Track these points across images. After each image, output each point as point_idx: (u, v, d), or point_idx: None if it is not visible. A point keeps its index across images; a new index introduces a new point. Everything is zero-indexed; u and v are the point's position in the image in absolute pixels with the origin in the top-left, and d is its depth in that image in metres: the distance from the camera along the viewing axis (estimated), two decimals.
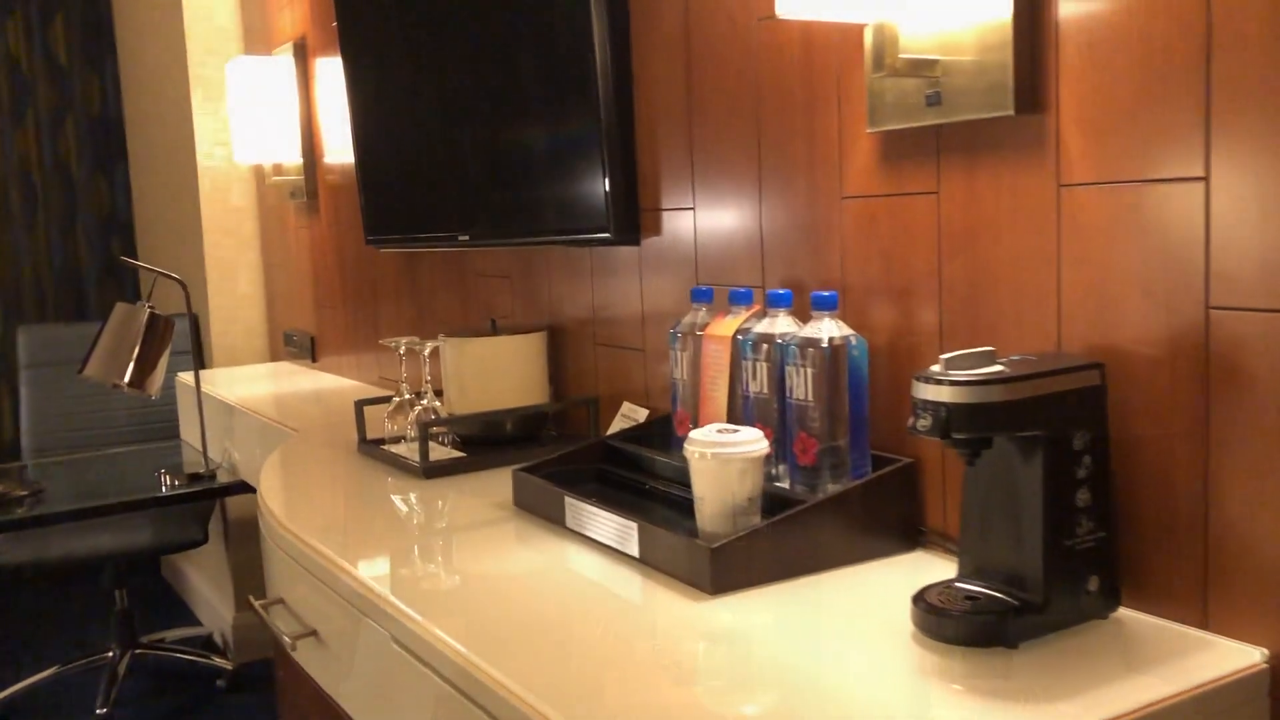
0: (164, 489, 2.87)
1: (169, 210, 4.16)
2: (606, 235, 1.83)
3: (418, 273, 2.69)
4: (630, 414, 1.90)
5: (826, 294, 1.36)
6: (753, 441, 1.29)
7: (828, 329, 1.35)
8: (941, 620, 1.08)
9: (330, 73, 3.06)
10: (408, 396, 2.07)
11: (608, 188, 1.81)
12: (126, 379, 2.77)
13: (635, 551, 1.36)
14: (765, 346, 1.44)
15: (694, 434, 1.32)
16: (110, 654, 3.37)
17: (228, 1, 3.75)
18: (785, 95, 1.51)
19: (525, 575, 1.34)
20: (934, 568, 1.29)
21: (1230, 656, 1.02)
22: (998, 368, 1.06)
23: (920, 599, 1.12)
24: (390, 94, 2.51)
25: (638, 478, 1.64)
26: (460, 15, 2.16)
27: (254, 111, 3.27)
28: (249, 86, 3.26)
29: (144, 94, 4.30)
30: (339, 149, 3.06)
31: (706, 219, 1.69)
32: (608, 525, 1.41)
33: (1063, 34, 1.15)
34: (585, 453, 1.71)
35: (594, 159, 1.82)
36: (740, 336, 1.48)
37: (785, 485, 1.41)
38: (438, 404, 2.00)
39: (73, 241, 4.56)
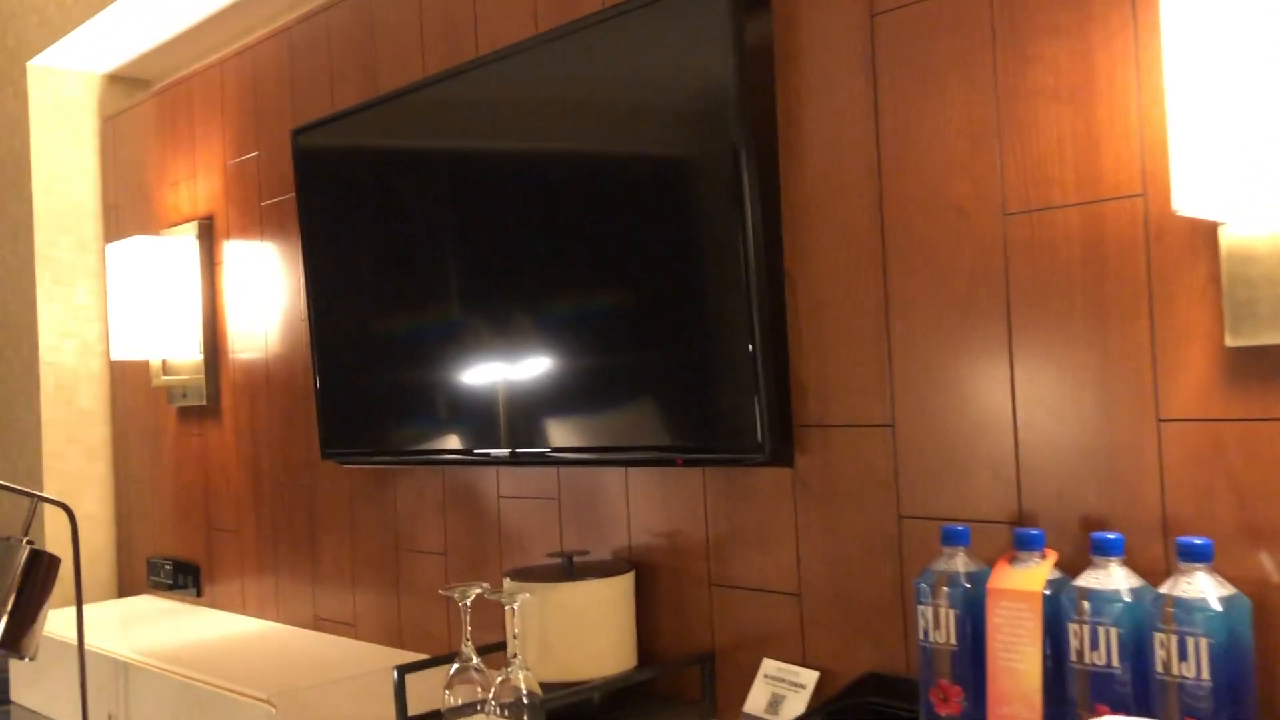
0: None
1: None
2: (759, 456, 1.52)
3: (394, 493, 2.26)
4: (784, 675, 1.55)
5: (1199, 542, 1.11)
6: None
7: (1207, 586, 1.10)
8: None
9: (245, 257, 2.63)
10: (475, 660, 1.64)
11: (761, 399, 1.51)
12: None
13: None
14: (1086, 604, 1.16)
15: None
16: None
17: (87, 173, 3.24)
18: (1056, 298, 1.29)
19: None
20: None
21: None
22: None
23: None
24: (378, 279, 2.14)
25: None
26: (504, 182, 1.85)
27: (139, 300, 2.76)
28: (136, 271, 2.76)
29: None
30: (253, 345, 2.60)
31: (916, 439, 1.42)
32: None
33: None
34: None
35: (738, 364, 1.52)
36: (1049, 591, 1.20)
37: None
38: (527, 672, 1.58)
39: None
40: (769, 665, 1.58)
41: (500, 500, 2.02)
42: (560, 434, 1.77)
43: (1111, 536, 1.17)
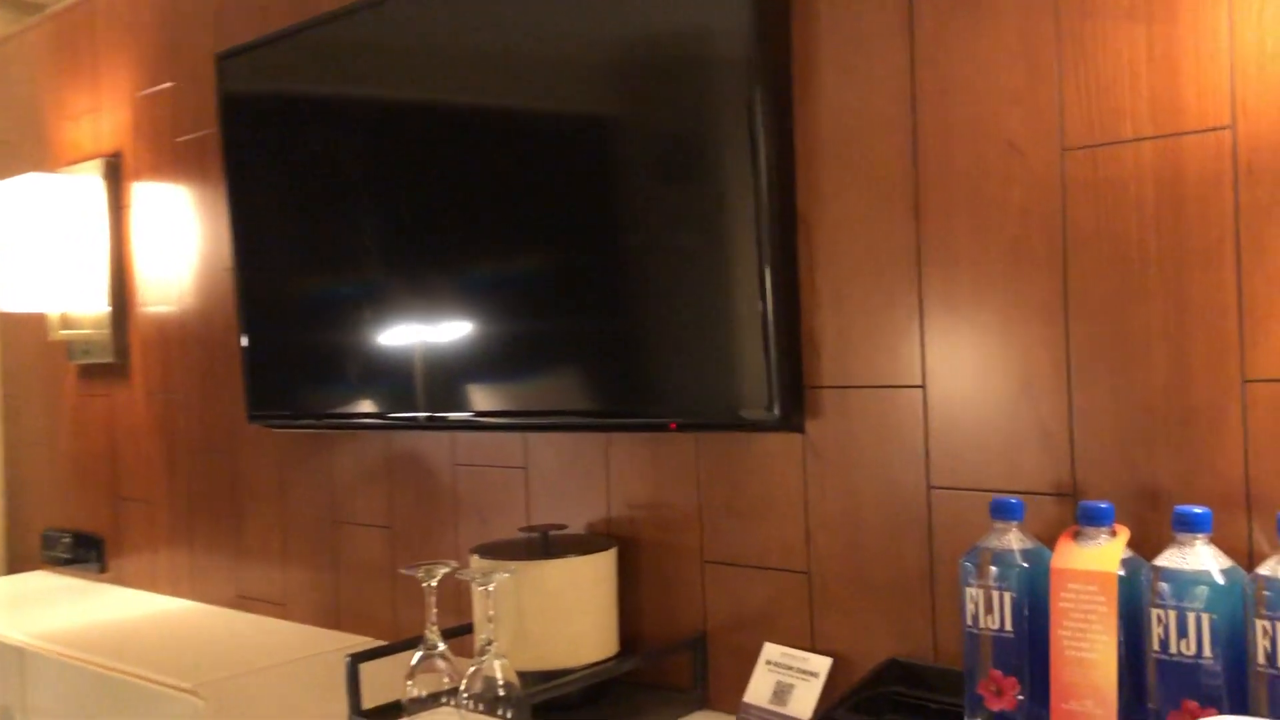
0: None
1: None
2: (769, 420, 1.36)
3: (330, 460, 2.04)
4: (791, 661, 1.40)
5: None
6: None
7: None
8: None
9: (157, 199, 2.37)
10: (441, 647, 1.45)
11: (772, 358, 1.35)
12: None
13: None
14: (1167, 586, 1.03)
15: None
16: None
17: None
18: (1122, 243, 1.15)
19: None
20: None
21: None
22: None
23: None
24: (312, 229, 1.92)
25: None
26: (476, 128, 1.65)
27: (34, 245, 2.48)
28: (29, 213, 2.48)
29: None
30: (167, 297, 2.35)
31: (951, 401, 1.28)
32: None
33: None
34: None
35: (744, 319, 1.36)
36: (1123, 572, 1.06)
37: None
38: (503, 660, 1.40)
39: None
40: (771, 650, 1.43)
41: (456, 469, 1.83)
42: (531, 398, 1.59)
43: (1199, 511, 1.03)
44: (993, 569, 1.14)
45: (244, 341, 2.03)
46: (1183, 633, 1.02)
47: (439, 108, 1.70)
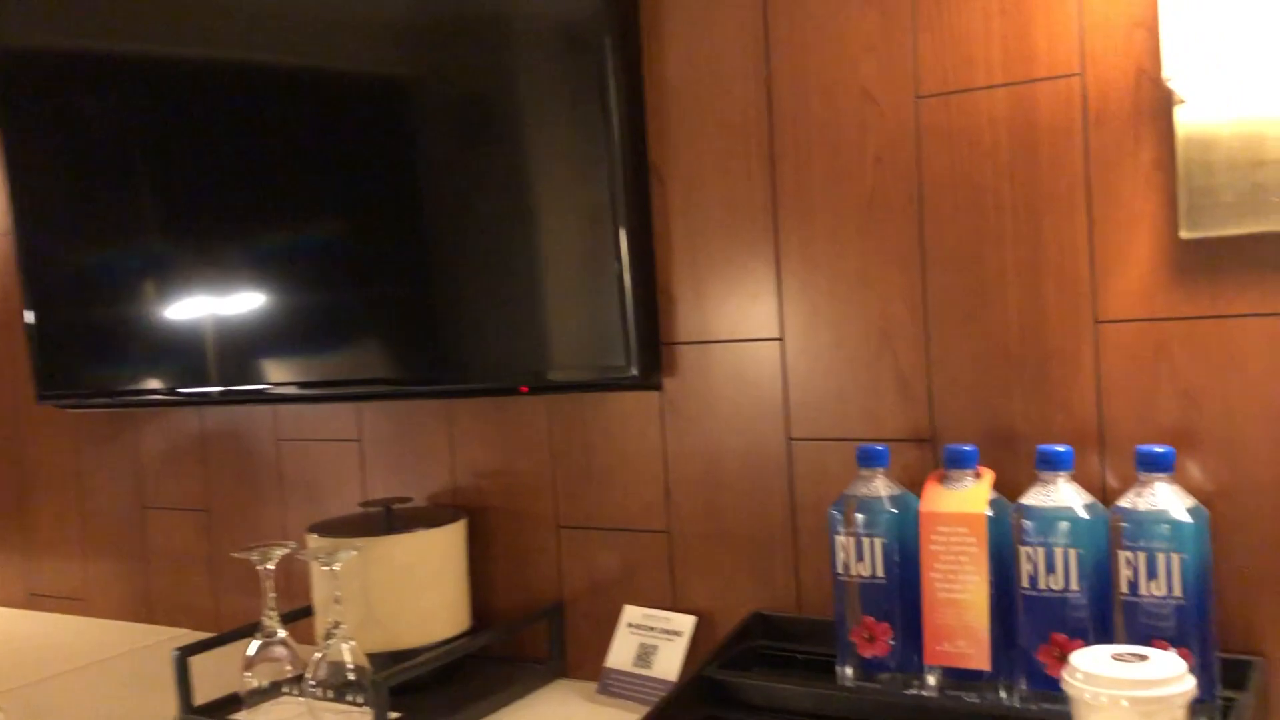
0: None
1: None
2: (629, 379, 1.33)
3: (136, 441, 1.88)
4: (653, 623, 1.37)
5: (1161, 450, 1.02)
6: (1179, 677, 0.89)
7: (1170, 498, 1.01)
8: None
9: None
10: (280, 634, 1.35)
11: (629, 315, 1.31)
12: None
13: None
14: (1032, 524, 1.05)
15: (1080, 662, 0.90)
16: None
17: None
18: (977, 190, 1.17)
19: None
20: None
21: None
22: None
23: None
24: (101, 191, 1.75)
25: None
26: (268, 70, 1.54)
27: None
28: None
29: None
30: None
31: (809, 352, 1.27)
32: None
33: None
34: (683, 698, 1.18)
35: (599, 276, 1.32)
36: (990, 513, 1.08)
37: None
38: (352, 643, 1.31)
39: None
40: (632, 613, 1.40)
41: (279, 444, 1.72)
42: (370, 365, 1.50)
43: (1061, 449, 1.06)
44: (860, 516, 1.14)
45: (28, 315, 1.84)
46: (1051, 568, 1.04)
47: (231, 66, 1.57)
